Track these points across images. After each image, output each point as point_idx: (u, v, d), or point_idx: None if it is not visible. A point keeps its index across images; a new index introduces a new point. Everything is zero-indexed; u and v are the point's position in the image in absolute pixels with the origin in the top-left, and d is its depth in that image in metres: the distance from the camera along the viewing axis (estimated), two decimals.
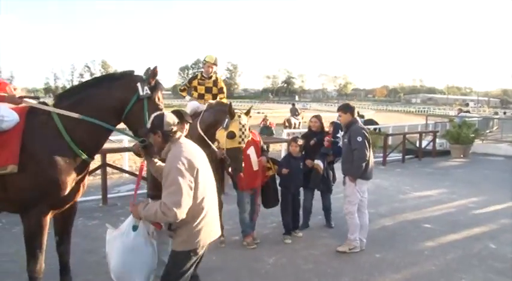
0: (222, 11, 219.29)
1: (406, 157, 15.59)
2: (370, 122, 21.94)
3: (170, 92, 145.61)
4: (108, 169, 8.90)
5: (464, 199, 9.42)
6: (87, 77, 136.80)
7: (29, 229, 3.77)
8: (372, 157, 5.97)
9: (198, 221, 3.28)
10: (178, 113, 4.81)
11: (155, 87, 3.88)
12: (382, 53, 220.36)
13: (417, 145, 16.69)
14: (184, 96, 7.55)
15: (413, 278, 5.19)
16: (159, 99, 3.91)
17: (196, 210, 3.25)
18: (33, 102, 3.91)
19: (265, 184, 6.24)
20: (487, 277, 5.27)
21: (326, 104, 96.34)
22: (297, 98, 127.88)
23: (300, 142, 6.41)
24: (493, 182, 11.74)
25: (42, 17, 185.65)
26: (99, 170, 8.30)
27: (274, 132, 21.77)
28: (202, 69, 7.22)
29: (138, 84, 3.80)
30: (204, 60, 7.16)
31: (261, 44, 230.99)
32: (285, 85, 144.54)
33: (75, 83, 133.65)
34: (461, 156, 16.71)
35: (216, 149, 5.33)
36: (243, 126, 5.07)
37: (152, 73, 3.87)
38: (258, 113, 56.25)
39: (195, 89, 7.10)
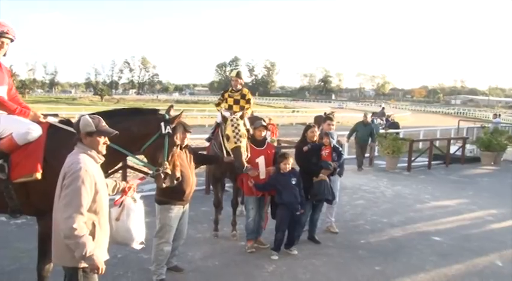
0: (261, 9, 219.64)
1: (433, 162, 15.35)
2: (394, 125, 21.40)
3: (207, 89, 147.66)
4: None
5: (483, 211, 9.23)
6: (126, 73, 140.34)
7: (44, 231, 4.10)
8: None
9: None
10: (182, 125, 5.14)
11: (176, 127, 4.36)
12: (422, 52, 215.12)
13: (449, 150, 16.36)
14: (219, 110, 7.91)
15: None
16: (177, 137, 4.37)
17: None
18: (55, 120, 4.45)
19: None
20: None
21: (363, 104, 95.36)
22: (333, 96, 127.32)
23: (291, 160, 6.24)
24: None
25: (85, 14, 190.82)
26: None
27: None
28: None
29: (162, 124, 4.24)
30: (230, 76, 8.03)
31: (299, 42, 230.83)
32: (322, 83, 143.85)
33: (115, 78, 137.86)
34: (492, 163, 16.31)
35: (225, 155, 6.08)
36: (236, 127, 5.84)
37: (169, 113, 4.36)
38: (293, 111, 56.60)
39: (226, 100, 7.68)
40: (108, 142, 3.48)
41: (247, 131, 6.83)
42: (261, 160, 6.23)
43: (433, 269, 5.95)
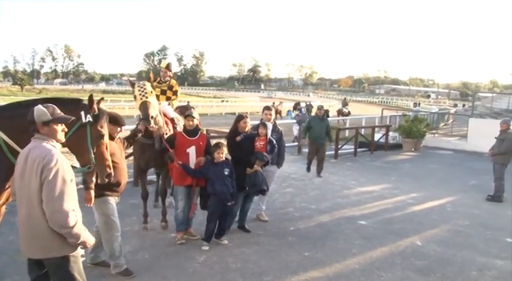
0: None
1: (359, 150, 15.91)
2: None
3: (135, 78, 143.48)
4: None
5: (405, 195, 9.72)
6: (49, 62, 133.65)
7: None
8: None
9: None
10: (114, 117, 4.99)
11: (99, 115, 4.03)
12: (348, 43, 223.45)
13: (373, 138, 17.02)
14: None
15: (335, 277, 5.33)
16: (102, 126, 4.04)
17: None
18: None
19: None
20: (406, 275, 5.47)
21: (291, 93, 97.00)
22: (262, 86, 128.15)
23: (225, 149, 6.21)
24: (436, 177, 12.19)
25: None
26: None
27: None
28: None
29: (82, 113, 3.92)
30: (160, 66, 8.12)
31: (228, 32, 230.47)
32: (251, 73, 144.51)
33: (36, 67, 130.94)
34: (413, 149, 17.21)
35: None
36: (141, 87, 5.87)
37: (89, 101, 4.01)
38: (222, 101, 56.45)
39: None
40: (66, 129, 3.43)
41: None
42: (191, 150, 6.15)
43: (359, 252, 6.18)
